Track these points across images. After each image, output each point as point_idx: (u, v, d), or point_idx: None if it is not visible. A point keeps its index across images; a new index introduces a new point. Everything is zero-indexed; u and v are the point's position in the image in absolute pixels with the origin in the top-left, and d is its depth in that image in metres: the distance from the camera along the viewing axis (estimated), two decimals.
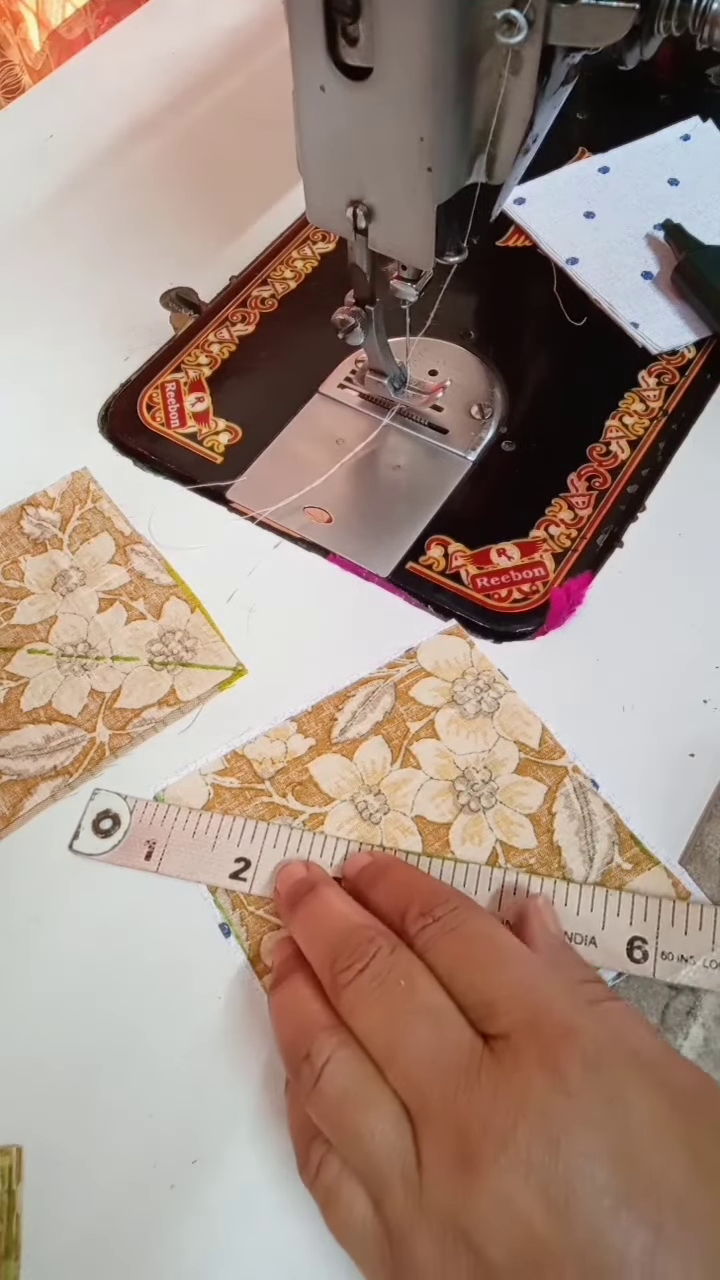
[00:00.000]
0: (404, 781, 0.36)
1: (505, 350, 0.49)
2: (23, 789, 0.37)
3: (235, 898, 0.34)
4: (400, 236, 0.36)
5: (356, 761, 0.37)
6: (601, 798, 0.35)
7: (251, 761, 0.37)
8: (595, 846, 0.35)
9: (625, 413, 0.46)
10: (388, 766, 0.37)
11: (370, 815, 0.36)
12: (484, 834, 0.35)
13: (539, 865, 0.34)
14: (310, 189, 0.37)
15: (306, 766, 0.37)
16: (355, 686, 0.39)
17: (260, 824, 0.35)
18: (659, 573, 0.41)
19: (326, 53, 0.32)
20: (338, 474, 0.45)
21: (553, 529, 0.43)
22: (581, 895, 0.33)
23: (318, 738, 0.38)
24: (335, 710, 0.38)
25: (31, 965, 0.34)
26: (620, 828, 0.35)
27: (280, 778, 0.37)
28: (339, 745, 0.37)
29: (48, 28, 1.05)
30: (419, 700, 0.38)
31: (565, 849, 0.35)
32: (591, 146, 0.57)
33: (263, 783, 0.37)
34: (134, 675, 0.40)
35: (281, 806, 0.36)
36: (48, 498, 0.45)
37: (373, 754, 0.37)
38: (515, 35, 0.29)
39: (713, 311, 0.47)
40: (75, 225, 0.56)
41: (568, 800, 0.36)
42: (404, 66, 0.31)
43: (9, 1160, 0.30)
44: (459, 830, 0.35)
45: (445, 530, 0.43)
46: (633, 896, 0.33)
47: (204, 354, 0.49)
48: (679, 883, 0.33)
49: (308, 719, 0.38)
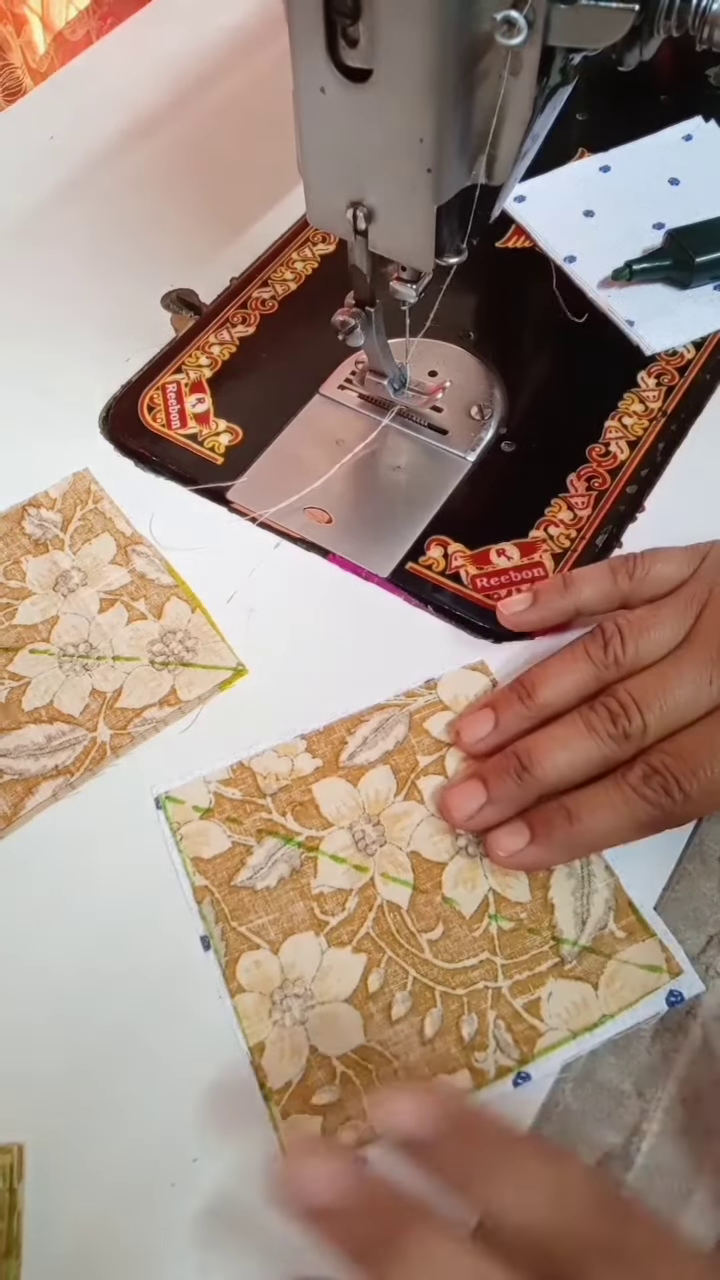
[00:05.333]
0: (405, 815, 0.36)
1: (505, 351, 0.49)
2: (24, 788, 0.37)
3: (219, 911, 0.34)
4: (400, 238, 0.36)
5: (360, 789, 0.37)
6: (604, 859, 0.35)
7: (256, 775, 0.37)
8: (590, 909, 0.34)
9: (624, 413, 0.46)
10: (391, 798, 0.36)
11: (366, 845, 0.36)
12: (478, 880, 0.35)
13: (529, 920, 0.34)
14: (310, 190, 0.37)
15: (310, 787, 0.37)
16: (370, 712, 0.38)
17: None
18: None
19: (326, 54, 0.32)
20: (338, 475, 0.45)
21: (552, 529, 0.43)
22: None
23: (325, 759, 0.37)
24: (347, 734, 0.38)
25: (33, 964, 0.34)
26: (619, 893, 0.34)
27: (282, 795, 0.37)
28: (345, 770, 0.37)
29: (53, 30, 1.05)
30: (432, 734, 0.38)
31: (559, 907, 0.34)
32: (591, 146, 0.57)
33: (264, 798, 0.37)
34: (135, 675, 0.40)
35: (279, 825, 0.36)
36: (49, 498, 0.45)
37: (378, 783, 0.37)
38: (515, 37, 0.29)
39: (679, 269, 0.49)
40: (76, 226, 0.56)
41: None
42: (404, 68, 0.31)
43: (10, 1158, 0.30)
44: (453, 872, 0.35)
45: (445, 531, 0.43)
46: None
47: (205, 355, 0.49)
48: (671, 958, 0.33)
49: (318, 739, 0.38)
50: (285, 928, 0.34)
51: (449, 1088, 0.31)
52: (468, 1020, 0.32)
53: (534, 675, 0.36)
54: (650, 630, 0.35)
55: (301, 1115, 0.31)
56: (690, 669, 0.34)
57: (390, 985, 0.33)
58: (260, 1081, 0.32)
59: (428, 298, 0.42)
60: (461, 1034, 0.32)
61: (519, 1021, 0.32)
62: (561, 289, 0.50)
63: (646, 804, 0.32)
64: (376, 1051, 0.32)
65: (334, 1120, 0.31)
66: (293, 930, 0.34)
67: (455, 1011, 0.32)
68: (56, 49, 1.06)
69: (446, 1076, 0.31)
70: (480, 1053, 0.32)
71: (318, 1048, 0.32)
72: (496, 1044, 0.32)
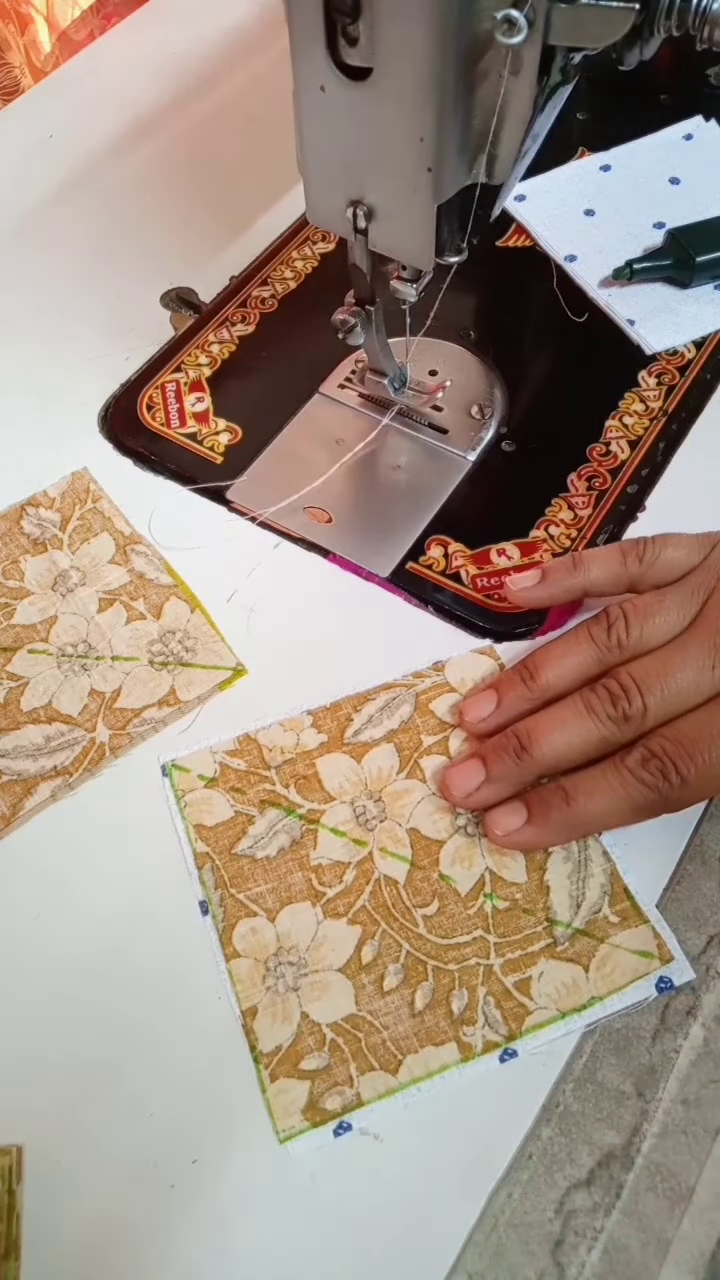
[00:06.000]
0: (405, 792, 0.36)
1: (505, 350, 0.49)
2: (23, 789, 0.37)
3: (219, 877, 0.34)
4: (400, 237, 0.36)
5: (364, 765, 0.37)
6: (602, 844, 0.35)
7: (262, 747, 0.37)
8: (585, 893, 0.34)
9: (625, 413, 0.46)
10: (393, 775, 0.37)
11: (366, 821, 0.36)
12: (475, 859, 0.35)
13: (524, 901, 0.34)
14: (310, 189, 0.37)
15: (314, 761, 0.37)
16: (377, 690, 0.38)
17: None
18: None
19: (326, 53, 0.32)
20: (337, 474, 0.45)
21: (553, 529, 0.43)
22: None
23: (330, 734, 0.38)
24: (353, 710, 0.38)
25: (31, 965, 0.34)
26: (615, 879, 0.34)
27: (286, 768, 0.37)
28: (350, 746, 0.37)
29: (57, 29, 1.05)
30: (437, 715, 0.38)
31: (554, 890, 0.34)
32: (591, 145, 0.57)
33: (268, 769, 0.37)
34: (134, 675, 0.40)
35: (281, 796, 0.36)
36: (48, 498, 0.45)
37: (381, 760, 0.37)
38: (515, 36, 0.29)
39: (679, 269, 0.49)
40: (76, 225, 0.56)
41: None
42: (404, 67, 0.31)
43: (9, 1160, 0.30)
44: (451, 850, 0.35)
45: (445, 530, 0.43)
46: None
47: (204, 354, 0.49)
48: (664, 944, 0.33)
49: (324, 714, 0.38)
50: (283, 897, 0.34)
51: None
52: (458, 995, 0.32)
53: (537, 657, 0.37)
54: (655, 615, 0.36)
55: (290, 1079, 0.31)
56: (693, 654, 0.34)
57: (383, 957, 0.33)
58: (251, 1045, 0.32)
59: (428, 296, 0.41)
60: (451, 1008, 0.32)
61: (508, 999, 0.32)
62: (562, 288, 0.50)
63: (644, 787, 0.33)
64: (366, 1021, 0.32)
65: (321, 1085, 0.31)
66: (290, 900, 0.34)
67: (446, 986, 0.33)
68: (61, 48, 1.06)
69: (434, 1048, 0.32)
70: (469, 1027, 0.32)
71: (309, 1014, 0.32)
72: (485, 1019, 0.32)
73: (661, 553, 0.37)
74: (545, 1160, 0.30)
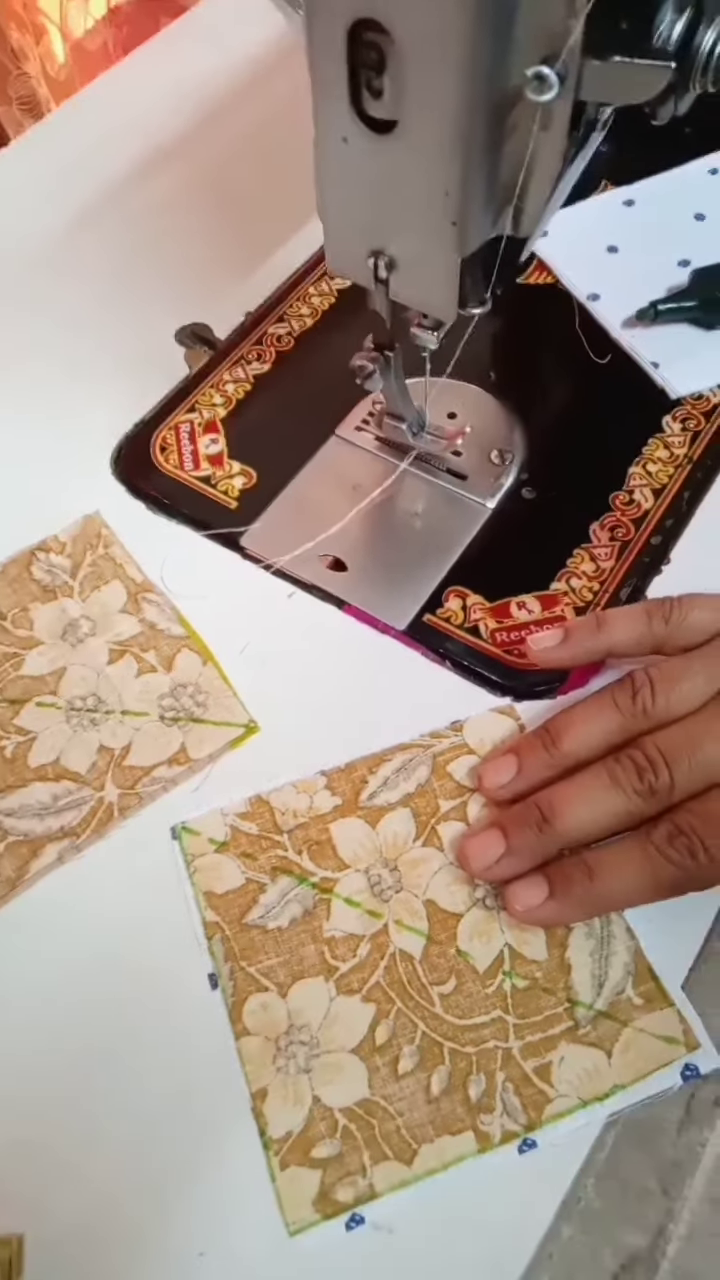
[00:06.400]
0: (423, 861, 0.35)
1: (526, 392, 0.47)
2: (29, 850, 0.36)
3: (229, 949, 0.33)
4: (422, 288, 0.35)
5: (379, 831, 0.36)
6: (625, 921, 0.34)
7: (274, 810, 0.36)
8: (608, 972, 0.33)
9: (649, 459, 0.45)
10: (410, 842, 0.36)
11: (381, 890, 0.35)
12: (494, 934, 0.34)
13: (544, 980, 0.33)
14: (330, 238, 0.36)
15: (328, 826, 0.36)
16: (393, 751, 0.37)
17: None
18: None
19: (350, 104, 0.31)
20: (354, 521, 0.43)
21: (574, 581, 0.41)
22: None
23: (345, 798, 0.36)
24: (368, 772, 0.37)
25: (33, 1039, 0.33)
26: (639, 957, 0.33)
27: (299, 832, 0.36)
28: (365, 810, 0.36)
29: (71, 39, 1.04)
30: (455, 778, 0.37)
31: (576, 968, 0.33)
32: (614, 179, 0.55)
33: (281, 834, 0.36)
34: (144, 731, 0.39)
35: (294, 863, 0.35)
36: (59, 542, 0.44)
37: (397, 826, 0.36)
38: (546, 93, 0.27)
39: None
40: (90, 256, 0.55)
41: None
42: (431, 121, 0.30)
43: (9, 1250, 0.29)
44: (469, 924, 0.34)
45: (463, 581, 0.42)
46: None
47: (219, 393, 0.48)
48: (690, 1030, 0.32)
49: (338, 776, 0.37)
50: (295, 971, 0.33)
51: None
52: (475, 1080, 0.31)
53: (560, 722, 0.35)
54: (682, 682, 0.34)
55: (301, 1168, 0.30)
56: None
57: (398, 1038, 0.32)
58: (261, 1129, 0.31)
59: (449, 341, 0.40)
60: (468, 1094, 0.31)
61: (528, 1085, 0.31)
62: (584, 328, 0.49)
63: (670, 865, 0.31)
64: (380, 1106, 0.31)
65: (333, 1175, 0.30)
66: (302, 974, 0.33)
67: (463, 1070, 0.31)
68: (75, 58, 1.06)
69: (450, 1137, 0.30)
70: (486, 1115, 0.31)
71: (321, 1098, 0.31)
72: (504, 1107, 0.31)
73: (689, 614, 0.36)
74: (566, 1262, 0.29)
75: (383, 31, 0.28)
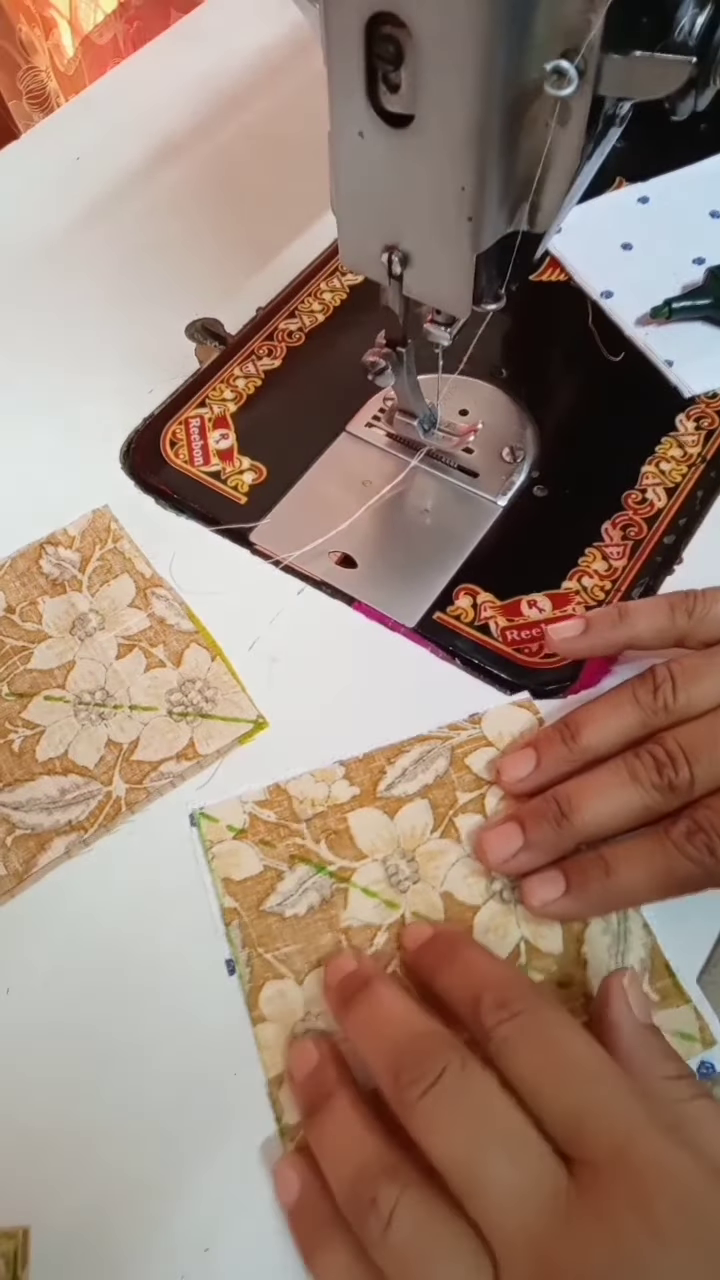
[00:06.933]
0: (440, 853, 0.35)
1: (538, 389, 0.47)
2: (36, 844, 0.36)
3: (247, 935, 0.33)
4: (436, 284, 0.35)
5: (397, 821, 0.36)
6: (642, 916, 0.33)
7: (292, 799, 0.36)
8: (625, 968, 0.32)
9: (662, 458, 0.44)
10: (427, 834, 0.35)
11: (399, 881, 0.35)
12: (510, 928, 0.33)
13: (560, 974, 0.33)
14: (344, 232, 0.36)
15: (346, 815, 0.36)
16: (411, 742, 0.37)
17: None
18: None
19: (366, 98, 0.31)
20: (364, 517, 0.43)
21: (585, 580, 0.41)
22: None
23: (363, 787, 0.36)
24: (387, 763, 0.37)
25: (43, 1032, 0.33)
26: (656, 953, 0.33)
27: (317, 821, 0.36)
28: (383, 800, 0.36)
29: (80, 34, 1.04)
30: (473, 770, 0.36)
31: (591, 963, 0.33)
32: (629, 176, 0.55)
33: (299, 823, 0.36)
34: (152, 726, 0.39)
35: (312, 852, 0.35)
36: (68, 536, 0.44)
37: (415, 817, 0.36)
38: (565, 88, 0.27)
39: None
40: (100, 251, 0.55)
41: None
42: (447, 116, 0.29)
43: (15, 1243, 0.29)
44: (485, 918, 0.34)
45: (474, 579, 0.42)
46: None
47: (229, 389, 0.48)
48: (706, 1028, 0.31)
49: (357, 766, 0.37)
50: (311, 959, 0.33)
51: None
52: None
53: (579, 716, 0.35)
54: (704, 678, 0.34)
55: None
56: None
57: None
58: (277, 1116, 0.31)
59: (462, 338, 0.40)
60: None
61: None
62: (598, 325, 0.49)
63: (689, 861, 0.31)
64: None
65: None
66: (319, 962, 0.33)
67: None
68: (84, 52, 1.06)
69: None
70: None
71: None
72: None
73: (712, 608, 0.36)
74: None
75: (400, 25, 0.28)
